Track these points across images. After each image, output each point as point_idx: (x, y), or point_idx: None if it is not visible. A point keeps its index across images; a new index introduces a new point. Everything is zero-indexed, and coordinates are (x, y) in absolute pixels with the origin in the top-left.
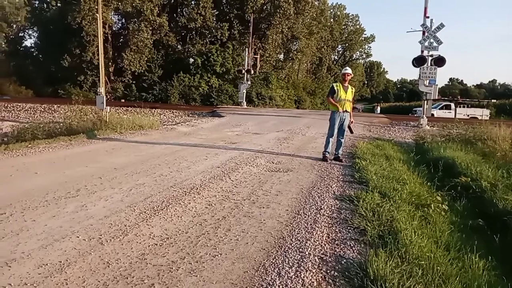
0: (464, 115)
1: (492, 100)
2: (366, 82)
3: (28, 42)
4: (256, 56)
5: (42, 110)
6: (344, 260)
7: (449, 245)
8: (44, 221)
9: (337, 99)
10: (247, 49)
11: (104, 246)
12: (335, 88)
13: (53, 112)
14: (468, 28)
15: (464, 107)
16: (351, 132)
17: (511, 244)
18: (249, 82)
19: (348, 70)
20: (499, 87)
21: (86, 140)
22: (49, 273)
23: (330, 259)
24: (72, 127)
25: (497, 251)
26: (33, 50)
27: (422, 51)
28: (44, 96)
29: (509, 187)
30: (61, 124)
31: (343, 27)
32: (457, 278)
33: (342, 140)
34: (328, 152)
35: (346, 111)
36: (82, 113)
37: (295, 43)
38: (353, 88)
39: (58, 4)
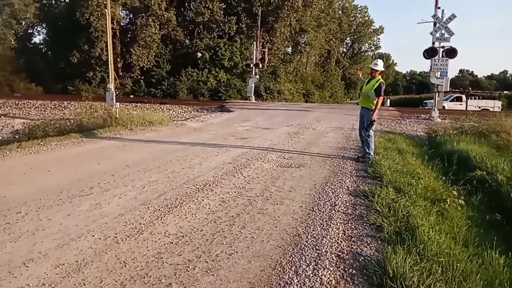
0: (475, 107)
1: (504, 92)
2: None
3: (37, 39)
4: (264, 50)
5: (52, 107)
6: (362, 258)
7: (467, 241)
8: (59, 220)
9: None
10: (255, 42)
11: (120, 245)
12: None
13: (63, 109)
14: (477, 19)
15: (475, 99)
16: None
17: None
18: (257, 76)
19: (375, 65)
20: (510, 78)
21: (97, 137)
22: (66, 273)
23: (347, 256)
24: (83, 123)
25: None
26: (42, 46)
27: (433, 43)
28: (53, 92)
29: None
30: (72, 121)
31: (351, 19)
32: (478, 276)
33: (361, 137)
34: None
35: (361, 106)
36: (92, 110)
37: (303, 35)
38: (378, 81)
39: (67, 0)
